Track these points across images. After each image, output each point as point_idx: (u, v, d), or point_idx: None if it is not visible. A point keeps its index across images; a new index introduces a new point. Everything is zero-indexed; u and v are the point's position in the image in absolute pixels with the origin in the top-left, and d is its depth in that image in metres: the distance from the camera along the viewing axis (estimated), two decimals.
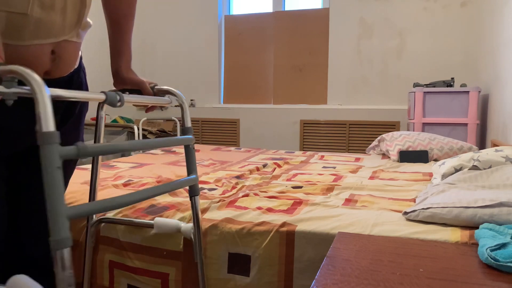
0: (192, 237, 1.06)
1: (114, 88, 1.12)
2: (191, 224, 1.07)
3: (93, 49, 3.82)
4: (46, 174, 0.58)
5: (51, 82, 0.93)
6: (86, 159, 2.92)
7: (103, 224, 1.30)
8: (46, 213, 0.65)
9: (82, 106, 1.07)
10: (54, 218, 0.58)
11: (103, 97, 0.82)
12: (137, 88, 1.08)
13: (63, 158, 0.61)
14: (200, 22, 4.25)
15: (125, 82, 1.08)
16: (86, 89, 1.09)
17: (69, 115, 1.05)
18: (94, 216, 1.22)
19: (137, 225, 1.24)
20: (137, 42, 4.51)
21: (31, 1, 0.79)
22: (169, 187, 0.87)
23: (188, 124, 1.04)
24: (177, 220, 1.25)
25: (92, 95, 0.80)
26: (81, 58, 1.04)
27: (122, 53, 1.08)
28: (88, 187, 1.59)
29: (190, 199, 1.04)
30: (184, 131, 1.03)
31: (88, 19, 0.97)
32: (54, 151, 0.59)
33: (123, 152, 0.81)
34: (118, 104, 0.86)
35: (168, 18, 4.37)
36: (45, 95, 0.60)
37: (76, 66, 1.00)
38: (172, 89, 1.07)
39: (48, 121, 0.59)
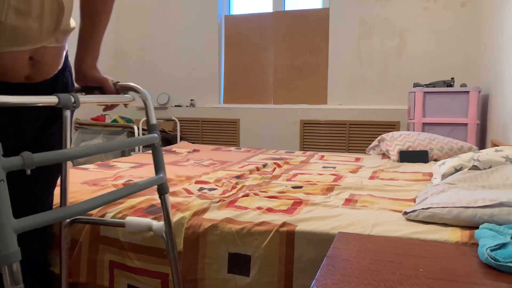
0: (164, 235, 1.05)
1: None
2: (162, 223, 1.06)
3: None
4: None
5: (34, 86, 0.92)
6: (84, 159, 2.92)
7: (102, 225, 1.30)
8: (37, 212, 0.64)
9: None
10: (0, 232, 0.56)
11: (55, 100, 0.78)
12: (99, 86, 1.05)
13: (7, 170, 0.59)
14: (200, 22, 4.25)
15: (87, 80, 1.05)
16: (72, 88, 1.07)
17: (55, 117, 1.04)
18: None
19: (108, 225, 1.23)
20: (137, 42, 4.51)
21: (6, 8, 0.77)
22: (134, 189, 0.84)
23: (153, 121, 1.00)
24: (177, 219, 1.25)
25: (43, 99, 0.76)
26: (66, 57, 1.02)
27: (89, 50, 1.05)
28: (89, 187, 1.59)
29: (160, 198, 1.02)
30: (149, 128, 0.99)
31: (71, 22, 0.94)
32: None
33: (73, 159, 0.76)
34: (73, 106, 0.82)
35: (168, 18, 4.37)
36: None
37: (60, 67, 0.98)
38: (135, 85, 1.02)
39: None
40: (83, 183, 1.67)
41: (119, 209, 1.33)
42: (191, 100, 4.35)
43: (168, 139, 4.04)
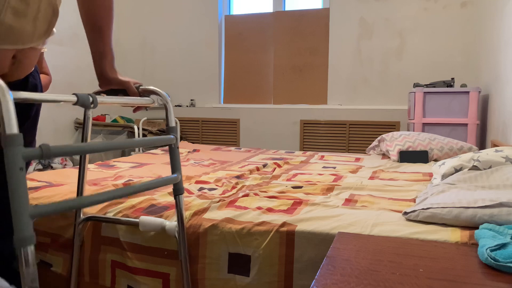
0: (176, 235, 1.06)
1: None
2: (175, 223, 1.08)
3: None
4: (10, 175, 0.60)
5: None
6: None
7: (103, 223, 1.30)
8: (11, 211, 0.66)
9: (37, 108, 1.07)
10: (18, 217, 0.60)
11: (74, 99, 0.82)
12: (122, 88, 1.08)
13: (26, 159, 0.62)
14: (200, 22, 4.25)
15: (111, 83, 1.08)
16: (41, 89, 1.09)
17: (25, 118, 1.05)
18: (81, 214, 1.23)
19: (122, 224, 1.25)
20: (137, 42, 4.51)
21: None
22: (150, 185, 0.87)
23: (172, 123, 1.05)
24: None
25: (63, 97, 0.80)
26: None
27: (105, 55, 1.09)
28: (90, 187, 1.59)
29: (174, 198, 1.05)
30: (168, 130, 1.04)
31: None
32: (17, 152, 0.61)
33: (90, 153, 0.80)
34: (91, 105, 0.85)
35: (168, 18, 4.37)
36: (9, 99, 0.62)
37: (32, 69, 1.00)
38: (157, 89, 1.07)
39: (11, 124, 0.61)
40: None
41: (119, 208, 1.33)
42: (191, 100, 4.35)
43: None
